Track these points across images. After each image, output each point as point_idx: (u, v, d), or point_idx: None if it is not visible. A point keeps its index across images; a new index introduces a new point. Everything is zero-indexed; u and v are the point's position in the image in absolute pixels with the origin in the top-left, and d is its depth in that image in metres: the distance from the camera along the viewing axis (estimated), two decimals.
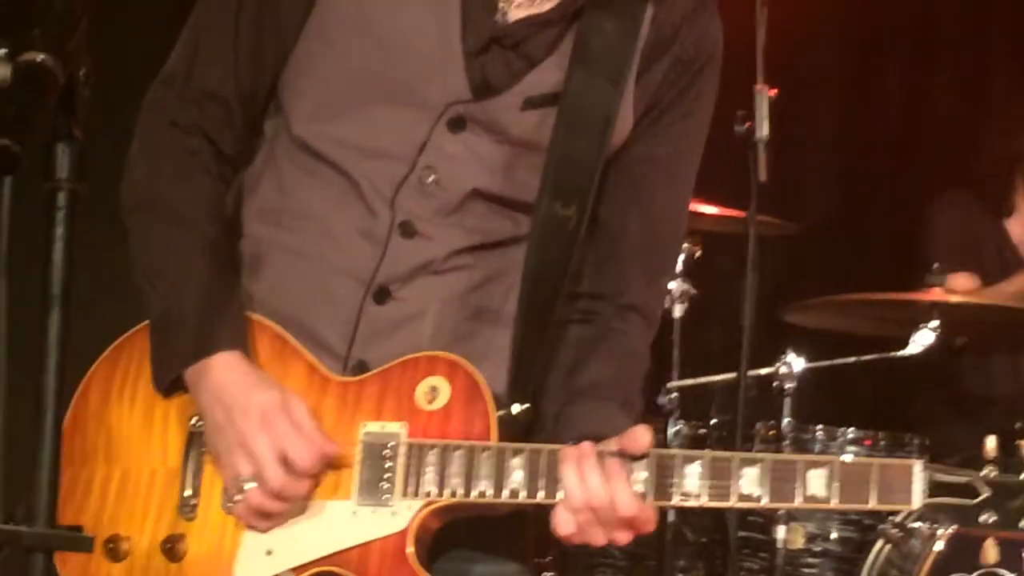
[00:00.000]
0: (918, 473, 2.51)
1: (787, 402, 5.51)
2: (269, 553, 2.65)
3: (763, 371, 5.43)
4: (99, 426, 2.79)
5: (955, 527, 4.95)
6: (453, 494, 2.61)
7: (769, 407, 5.56)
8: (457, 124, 2.74)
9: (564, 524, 2.59)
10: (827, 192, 7.06)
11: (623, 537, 2.59)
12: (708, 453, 2.60)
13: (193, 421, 2.69)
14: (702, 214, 5.65)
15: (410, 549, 2.61)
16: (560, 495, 2.57)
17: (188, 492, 2.68)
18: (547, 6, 2.76)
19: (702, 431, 5.83)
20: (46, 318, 2.01)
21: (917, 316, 5.49)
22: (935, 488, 2.51)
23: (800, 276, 5.51)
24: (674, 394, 5.59)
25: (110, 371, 2.80)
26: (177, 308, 2.69)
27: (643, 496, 2.57)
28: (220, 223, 2.74)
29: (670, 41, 2.82)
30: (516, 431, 2.70)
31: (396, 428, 2.66)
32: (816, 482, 2.55)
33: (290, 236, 2.79)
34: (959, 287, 5.77)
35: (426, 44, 2.74)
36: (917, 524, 5.29)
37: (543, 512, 2.61)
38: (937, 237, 6.00)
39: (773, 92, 4.92)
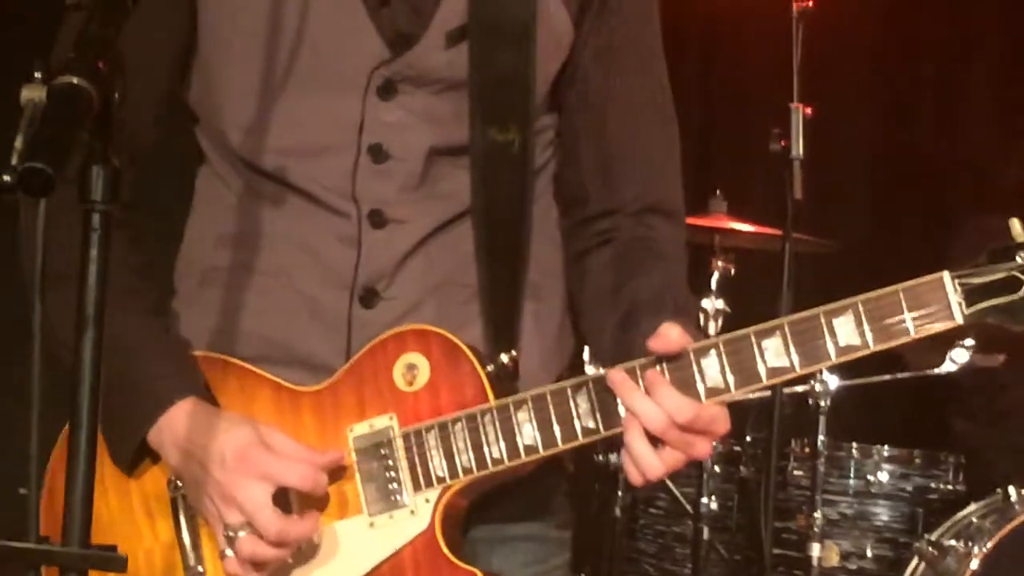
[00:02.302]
0: (950, 283, 2.29)
1: (822, 420, 5.49)
2: None
3: (798, 389, 5.43)
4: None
5: (1001, 538, 4.96)
6: (467, 471, 2.45)
7: (804, 425, 5.55)
8: (387, 89, 2.57)
9: (632, 471, 2.39)
10: (862, 210, 7.06)
11: (702, 447, 2.37)
12: (720, 339, 2.37)
13: (172, 487, 2.54)
14: (737, 231, 5.65)
15: (442, 543, 2.46)
16: (577, 439, 2.42)
17: (192, 562, 2.54)
18: None
19: (737, 449, 5.83)
20: (80, 338, 2.01)
21: (952, 334, 5.47)
22: (973, 294, 2.28)
23: (835, 294, 5.50)
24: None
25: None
26: (113, 377, 2.35)
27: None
28: (125, 269, 2.52)
29: None
30: (509, 383, 2.52)
31: (385, 421, 2.50)
32: (844, 331, 2.32)
33: (258, 257, 2.61)
34: None
35: (326, 16, 2.57)
36: (952, 542, 5.29)
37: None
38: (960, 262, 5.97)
39: (808, 110, 4.93)
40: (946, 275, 2.29)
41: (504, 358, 2.52)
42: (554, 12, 2.62)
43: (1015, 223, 2.30)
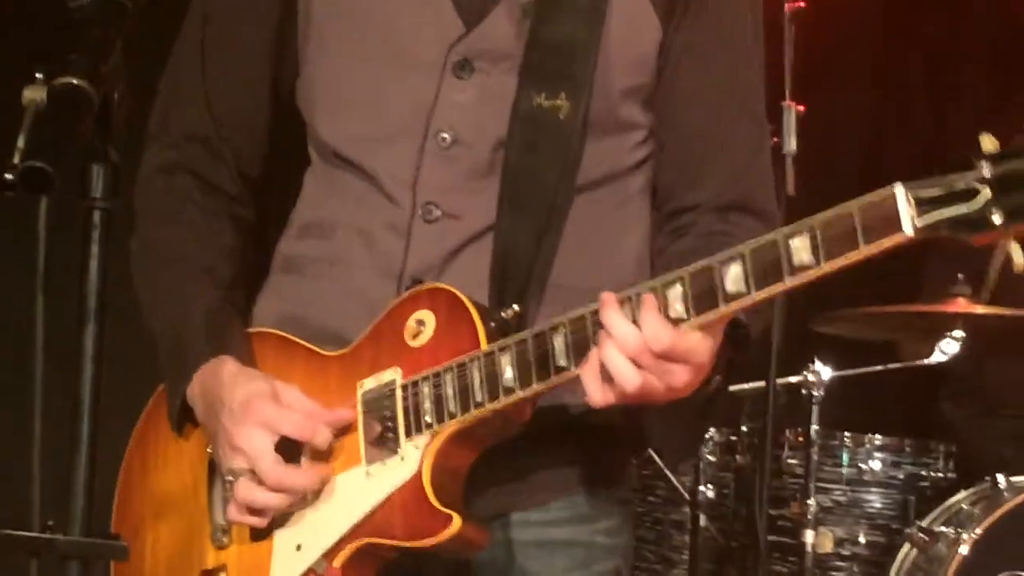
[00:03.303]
0: (901, 195, 2.11)
1: (815, 410, 5.48)
2: (299, 548, 2.52)
3: (792, 379, 5.42)
4: (142, 494, 2.74)
5: (989, 524, 4.96)
6: (453, 415, 2.40)
7: (797, 414, 5.53)
8: (463, 67, 2.55)
9: (594, 386, 2.26)
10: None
11: (679, 376, 2.24)
12: (687, 270, 2.21)
13: (209, 449, 2.60)
14: None
15: (428, 488, 2.42)
16: (558, 375, 2.31)
17: (220, 520, 2.59)
18: None
19: (733, 438, 5.81)
20: (82, 331, 2.02)
21: (941, 326, 5.48)
22: (926, 205, 2.11)
23: (827, 287, 5.49)
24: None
25: (143, 436, 2.77)
26: (168, 342, 2.62)
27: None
28: (211, 250, 2.66)
29: None
30: (508, 331, 2.44)
31: (391, 375, 2.48)
32: (800, 250, 2.14)
33: (322, 246, 2.65)
34: None
35: (405, 1, 2.59)
36: (943, 529, 5.28)
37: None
38: (939, 257, 5.96)
39: (801, 108, 4.93)
40: (898, 186, 2.12)
41: (506, 312, 2.46)
42: (635, 4, 2.57)
43: (986, 137, 2.14)
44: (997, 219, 2.06)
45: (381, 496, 2.46)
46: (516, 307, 2.47)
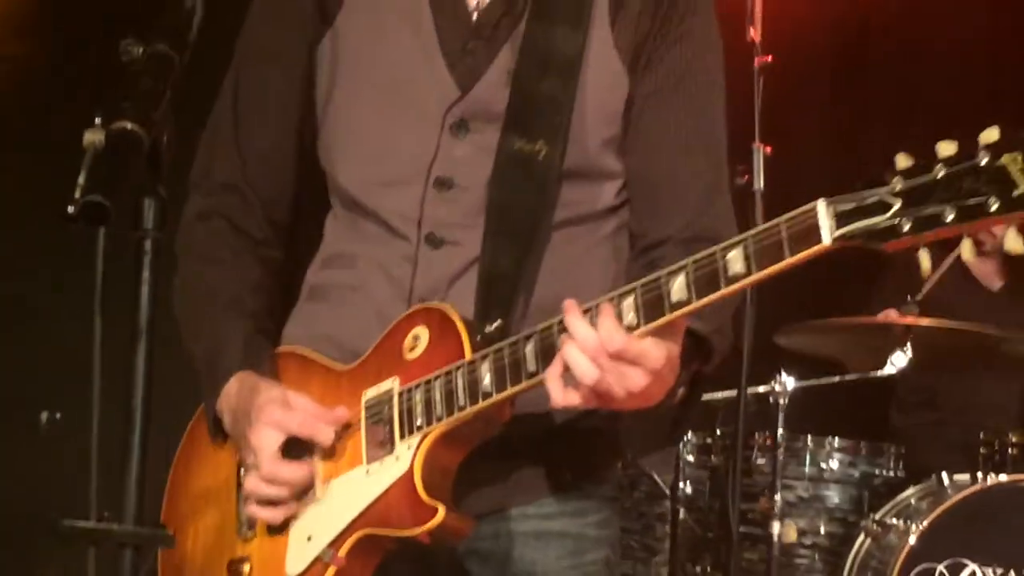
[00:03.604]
0: (823, 208, 2.10)
1: (781, 415, 5.48)
2: (309, 539, 2.51)
3: (760, 389, 5.42)
4: (185, 493, 2.75)
5: (936, 516, 4.95)
6: (440, 418, 2.39)
7: (765, 420, 5.53)
8: (459, 126, 2.55)
9: (556, 387, 2.24)
10: None
11: (633, 379, 2.20)
12: (638, 283, 2.22)
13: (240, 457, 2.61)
14: None
15: (418, 483, 2.41)
16: (529, 379, 2.30)
17: (244, 519, 2.60)
18: None
19: (708, 440, 5.81)
20: (134, 347, 2.01)
21: (893, 340, 5.48)
22: (843, 218, 2.08)
23: (789, 303, 5.46)
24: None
25: (188, 448, 2.78)
26: (203, 364, 2.62)
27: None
28: (238, 284, 2.65)
29: None
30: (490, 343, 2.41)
31: (389, 384, 2.48)
32: (735, 262, 2.13)
33: (342, 276, 2.65)
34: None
35: (412, 67, 2.58)
36: (894, 521, 5.27)
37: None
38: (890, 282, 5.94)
39: (768, 149, 4.92)
40: (821, 201, 2.11)
41: (489, 328, 2.45)
42: (605, 54, 2.56)
43: (901, 155, 2.10)
44: (905, 228, 2.05)
45: (379, 491, 2.46)
46: (500, 321, 2.45)
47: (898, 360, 5.37)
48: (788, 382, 5.47)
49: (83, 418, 2.04)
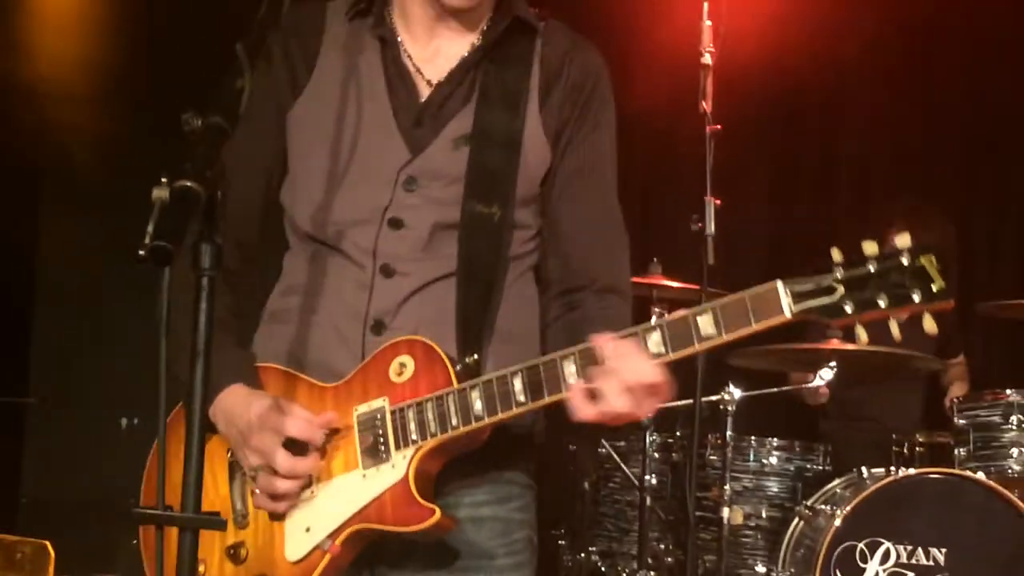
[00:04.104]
0: (782, 289, 2.21)
1: (729, 420, 5.47)
2: (308, 530, 2.47)
3: (712, 398, 5.40)
4: (168, 485, 2.60)
5: (856, 503, 4.93)
6: (434, 434, 2.39)
7: (717, 423, 5.52)
8: (409, 183, 2.53)
9: (582, 408, 2.28)
10: (757, 271, 7.05)
11: (653, 405, 2.25)
12: (616, 336, 2.25)
13: (230, 453, 2.54)
14: (668, 287, 5.63)
15: (413, 488, 2.41)
16: (518, 407, 2.33)
17: (239, 507, 2.52)
18: (453, 62, 2.60)
19: (670, 440, 5.81)
20: (193, 365, 2.01)
21: (820, 359, 5.47)
22: (799, 297, 2.22)
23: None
24: (648, 418, 5.56)
25: (167, 447, 2.65)
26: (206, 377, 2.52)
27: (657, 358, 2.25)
28: (220, 305, 2.34)
29: (559, 73, 2.61)
30: (472, 376, 2.43)
31: (380, 403, 2.45)
32: (705, 325, 2.22)
33: (304, 301, 2.58)
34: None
35: (370, 137, 2.56)
36: (822, 507, 5.26)
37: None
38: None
39: (718, 201, 4.92)
40: (779, 282, 2.22)
41: (468, 360, 2.47)
42: (536, 133, 2.58)
43: (834, 250, 2.23)
44: (849, 309, 2.20)
45: (376, 493, 2.44)
46: (476, 356, 2.48)
47: (825, 375, 5.36)
48: (735, 392, 5.45)
49: (152, 425, 2.07)
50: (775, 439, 5.74)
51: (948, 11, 6.84)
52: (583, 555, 5.80)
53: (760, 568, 5.56)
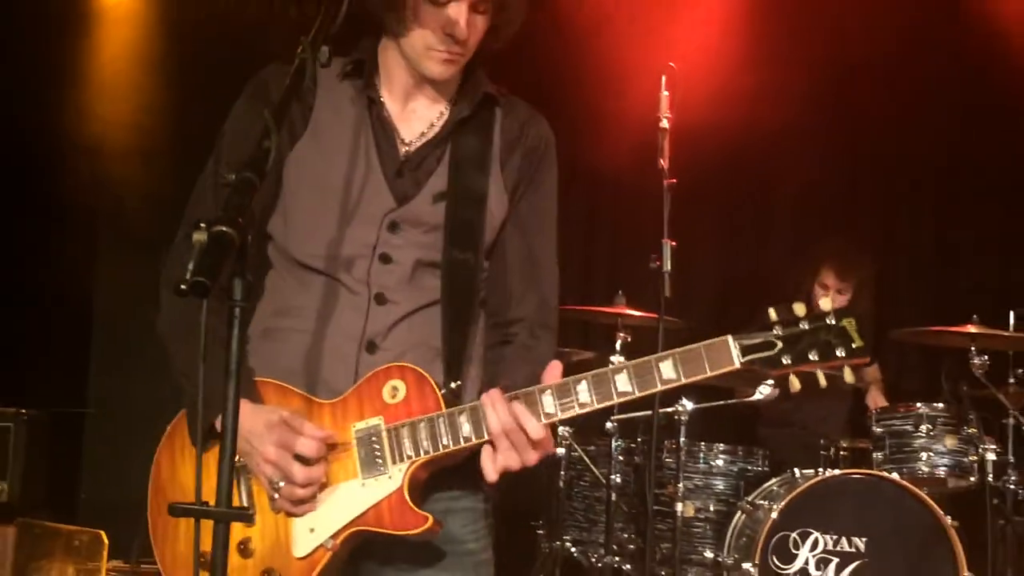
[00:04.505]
0: (732, 343, 2.31)
1: (682, 428, 5.47)
2: (312, 531, 2.44)
3: (668, 410, 5.40)
4: (172, 486, 2.56)
5: (789, 499, 4.93)
6: (427, 451, 2.41)
7: (672, 431, 5.51)
8: (393, 226, 2.53)
9: (487, 463, 2.38)
10: (706, 303, 7.05)
11: (533, 457, 2.36)
12: (590, 373, 2.35)
13: (238, 458, 2.43)
14: (632, 315, 5.62)
15: (407, 496, 2.41)
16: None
17: (246, 506, 2.47)
18: (432, 133, 2.60)
19: (632, 445, 5.78)
20: (227, 383, 2.02)
21: (761, 377, 5.46)
22: (746, 350, 2.30)
23: None
24: (615, 423, 5.56)
25: (168, 450, 2.59)
26: (194, 386, 2.42)
27: (550, 416, 2.34)
28: (219, 321, 2.30)
29: (517, 140, 2.64)
30: (455, 400, 2.48)
31: (376, 421, 2.44)
32: (667, 370, 2.32)
33: (301, 323, 2.53)
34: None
35: (359, 182, 2.55)
36: (761, 502, 5.25)
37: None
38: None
39: (673, 243, 4.93)
40: (730, 338, 2.31)
41: (452, 385, 2.50)
42: (498, 190, 2.61)
43: (771, 310, 2.32)
44: (786, 362, 2.30)
45: (374, 500, 2.43)
46: (459, 382, 2.51)
47: (764, 390, 5.37)
48: (687, 405, 5.45)
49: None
50: (721, 444, 5.73)
51: (867, 81, 6.88)
52: (558, 543, 5.77)
53: (708, 554, 5.53)
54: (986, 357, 5.28)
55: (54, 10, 6.57)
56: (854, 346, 2.32)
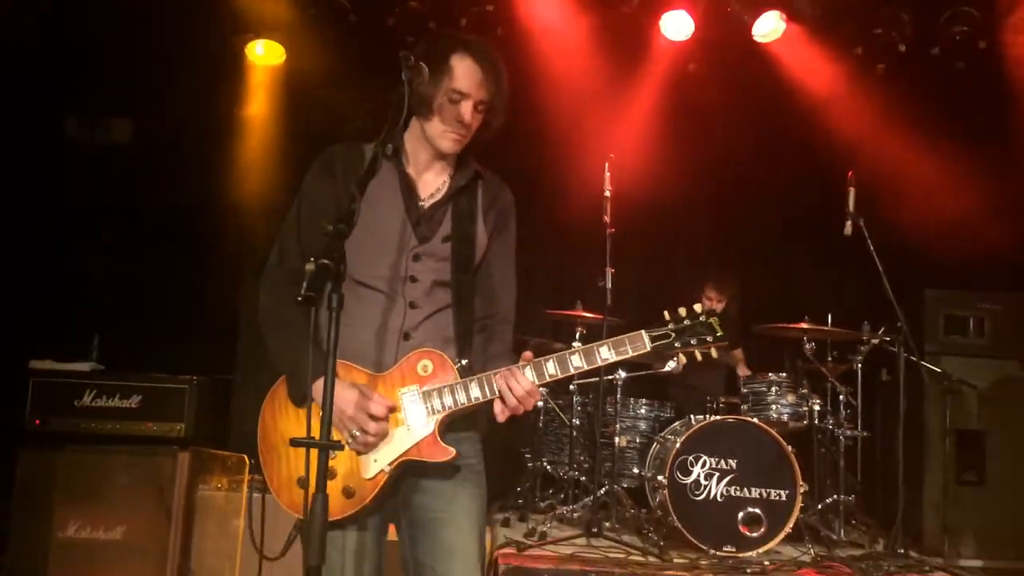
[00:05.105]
0: (645, 335, 2.38)
1: (619, 389, 5.45)
2: (375, 461, 2.43)
3: (609, 377, 5.38)
4: (274, 431, 2.49)
5: (687, 435, 4.92)
6: (450, 407, 2.42)
7: (612, 391, 5.48)
8: (416, 257, 2.51)
9: (499, 410, 2.40)
10: (633, 309, 6.94)
11: (530, 403, 2.38)
12: (554, 355, 2.38)
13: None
14: (586, 317, 5.58)
15: (437, 437, 2.42)
16: (496, 392, 2.39)
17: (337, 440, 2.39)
18: (439, 195, 2.56)
19: (587, 400, 5.73)
20: (327, 366, 2.02)
21: (667, 355, 5.42)
22: (655, 338, 2.37)
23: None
24: (576, 385, 5.52)
25: (271, 405, 2.54)
26: (290, 364, 2.44)
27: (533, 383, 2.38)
28: (305, 321, 2.26)
29: (493, 200, 2.60)
30: (467, 371, 2.47)
31: (414, 387, 2.44)
32: (604, 352, 2.37)
33: (358, 320, 2.49)
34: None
35: (393, 225, 2.51)
36: (669, 437, 5.25)
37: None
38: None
39: (612, 270, 4.93)
40: (643, 331, 2.39)
41: (463, 362, 2.51)
42: (482, 234, 2.61)
43: (666, 313, 2.37)
44: (678, 345, 2.41)
45: (415, 440, 2.44)
46: (467, 360, 2.51)
47: (671, 364, 5.37)
48: (622, 374, 5.44)
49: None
50: (644, 399, 5.71)
51: (738, 163, 6.85)
52: (539, 462, 5.77)
53: (635, 470, 5.52)
54: (813, 344, 5.32)
55: (218, 75, 6.18)
56: (717, 335, 2.37)
